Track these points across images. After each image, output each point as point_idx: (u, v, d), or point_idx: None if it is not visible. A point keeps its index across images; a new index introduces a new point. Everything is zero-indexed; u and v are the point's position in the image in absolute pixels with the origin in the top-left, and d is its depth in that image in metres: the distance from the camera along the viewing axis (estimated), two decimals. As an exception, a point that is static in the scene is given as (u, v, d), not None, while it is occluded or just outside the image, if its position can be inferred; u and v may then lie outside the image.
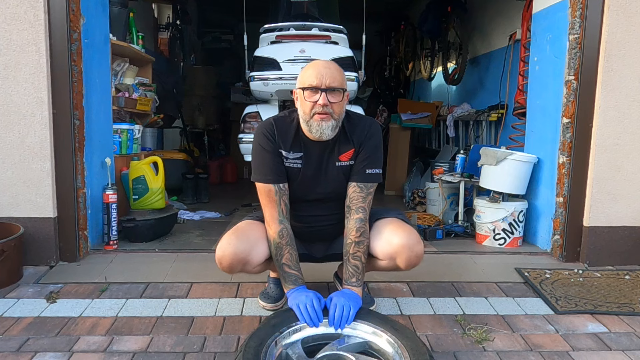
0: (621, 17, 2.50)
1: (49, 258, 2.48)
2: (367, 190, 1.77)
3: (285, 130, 1.77)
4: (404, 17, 7.25)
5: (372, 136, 1.79)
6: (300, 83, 1.71)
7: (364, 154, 1.78)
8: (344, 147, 1.79)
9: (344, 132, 1.79)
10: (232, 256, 1.71)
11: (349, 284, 1.75)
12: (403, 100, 5.79)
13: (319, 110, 1.65)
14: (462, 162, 3.58)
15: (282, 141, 1.76)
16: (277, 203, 1.75)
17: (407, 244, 1.73)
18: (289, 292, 1.74)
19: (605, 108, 2.56)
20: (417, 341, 1.56)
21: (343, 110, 1.73)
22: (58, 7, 2.40)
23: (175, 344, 1.78)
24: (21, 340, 1.78)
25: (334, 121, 1.69)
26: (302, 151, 1.78)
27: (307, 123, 1.71)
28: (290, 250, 1.74)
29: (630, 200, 2.62)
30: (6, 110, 2.40)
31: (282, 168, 1.77)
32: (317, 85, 1.64)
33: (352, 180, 1.78)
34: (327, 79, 1.64)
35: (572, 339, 1.86)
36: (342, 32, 3.58)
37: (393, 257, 1.76)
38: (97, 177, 2.75)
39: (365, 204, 1.76)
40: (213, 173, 5.36)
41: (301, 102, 1.71)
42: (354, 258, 1.75)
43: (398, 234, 1.75)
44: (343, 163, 1.79)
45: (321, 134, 1.69)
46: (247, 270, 1.79)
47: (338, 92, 1.67)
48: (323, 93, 1.64)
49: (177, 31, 5.66)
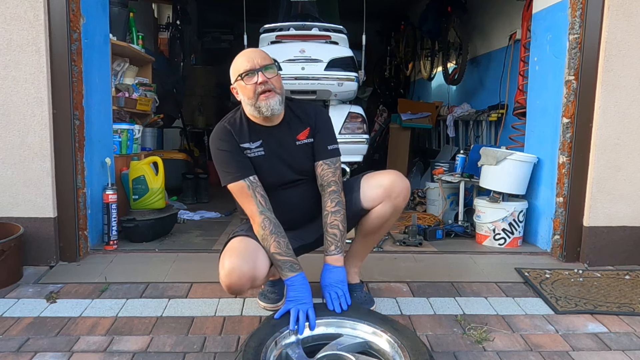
0: (621, 17, 2.50)
1: (49, 258, 2.48)
2: (334, 165, 1.87)
3: (238, 126, 1.84)
4: (404, 17, 7.25)
5: (323, 115, 1.93)
6: (236, 73, 1.77)
7: (320, 134, 1.88)
8: (299, 127, 1.88)
9: (294, 115, 1.89)
10: (240, 277, 1.68)
11: (329, 253, 1.80)
12: (403, 100, 5.79)
13: (261, 89, 1.72)
14: (462, 162, 3.58)
15: (240, 136, 1.82)
16: (253, 196, 1.77)
17: (395, 179, 1.87)
18: (287, 280, 1.72)
19: (605, 108, 2.56)
20: (417, 341, 1.56)
21: (282, 85, 1.81)
22: (58, 7, 2.40)
23: (175, 344, 1.78)
24: (21, 340, 1.78)
25: (278, 96, 1.76)
26: (260, 139, 1.84)
27: (254, 107, 1.76)
28: (276, 238, 1.73)
29: (630, 200, 2.62)
30: (6, 110, 2.40)
31: (247, 162, 1.81)
32: (251, 67, 1.72)
33: (318, 160, 1.87)
34: (257, 59, 1.74)
35: (572, 339, 1.86)
36: (342, 32, 3.57)
37: (388, 194, 1.85)
38: (97, 177, 2.75)
39: (336, 177, 1.85)
40: (213, 173, 5.29)
41: (242, 90, 1.77)
42: (332, 227, 1.79)
43: (385, 175, 1.89)
44: (303, 141, 1.88)
45: (271, 110, 1.75)
46: (256, 285, 1.77)
47: (271, 68, 1.75)
48: (259, 72, 1.72)
49: (177, 31, 5.66)
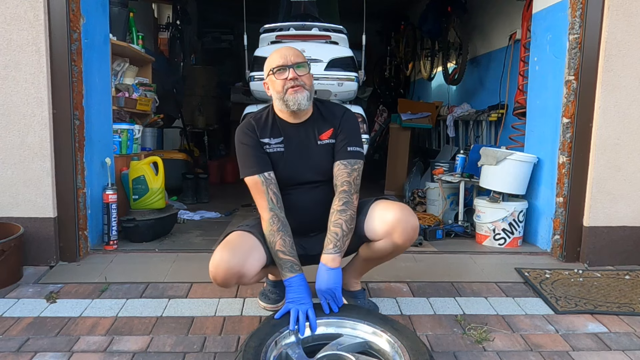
0: (621, 17, 2.50)
1: (49, 258, 2.48)
2: (352, 167, 1.83)
3: (262, 121, 1.87)
4: (404, 17, 7.25)
5: (350, 118, 1.90)
6: (268, 68, 1.82)
7: (343, 134, 1.86)
8: (323, 127, 1.88)
9: (320, 114, 1.89)
10: (226, 271, 1.68)
11: (326, 251, 1.75)
12: (403, 100, 5.79)
13: (291, 84, 1.76)
14: (462, 162, 3.58)
15: (261, 131, 1.85)
16: (265, 192, 1.79)
17: (401, 217, 1.76)
18: (286, 281, 1.72)
19: (605, 108, 2.56)
20: (417, 341, 1.56)
21: (312, 83, 1.84)
22: (58, 7, 2.40)
23: (175, 344, 1.78)
24: (21, 340, 1.78)
25: (307, 92, 1.78)
26: (282, 135, 1.86)
27: (282, 100, 1.79)
28: (282, 236, 1.75)
29: (630, 200, 2.62)
30: (6, 110, 2.40)
31: (265, 158, 1.83)
32: (283, 63, 1.77)
33: (336, 159, 1.86)
34: (291, 57, 1.78)
35: (572, 339, 1.86)
36: (342, 32, 3.58)
37: (390, 232, 1.77)
38: (97, 177, 2.75)
39: (351, 179, 1.82)
40: (213, 173, 5.35)
41: (273, 85, 1.81)
42: (335, 225, 1.76)
43: (390, 210, 1.78)
44: (325, 141, 1.87)
45: (298, 104, 1.77)
46: (243, 282, 1.78)
47: (303, 67, 1.79)
48: (291, 68, 1.76)
49: (177, 31, 5.66)
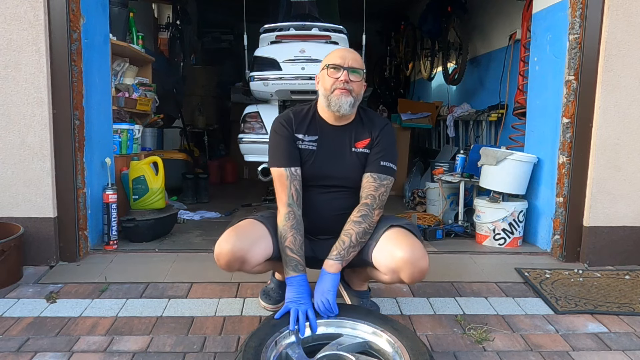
0: (621, 17, 2.50)
1: (49, 258, 2.48)
2: (380, 181, 1.81)
3: (302, 116, 1.87)
4: (404, 17, 7.25)
5: (389, 132, 1.88)
6: (325, 63, 1.81)
7: (378, 147, 1.84)
8: (360, 135, 1.86)
9: (360, 122, 1.88)
10: (230, 254, 1.70)
11: (329, 256, 1.74)
12: (403, 100, 5.79)
13: (340, 85, 1.76)
14: (462, 162, 3.58)
15: (298, 126, 1.85)
16: (288, 187, 1.79)
17: (410, 259, 1.65)
18: (288, 280, 1.73)
19: (605, 108, 2.56)
20: (417, 341, 1.56)
21: (361, 92, 1.83)
22: (58, 7, 2.40)
23: (175, 344, 1.78)
24: (21, 340, 1.78)
25: (352, 98, 1.78)
26: (318, 134, 1.85)
27: (327, 98, 1.79)
28: (294, 234, 1.75)
29: (630, 200, 2.62)
30: (6, 110, 2.40)
31: (296, 153, 1.83)
32: (340, 64, 1.77)
33: (366, 171, 1.84)
34: (349, 60, 1.78)
35: (572, 339, 1.86)
36: (342, 32, 3.58)
37: (396, 271, 1.69)
38: (97, 177, 2.75)
39: (376, 194, 1.80)
40: (213, 173, 5.36)
41: (323, 80, 1.81)
42: (345, 234, 1.75)
43: (402, 247, 1.68)
44: (359, 150, 1.85)
45: (340, 107, 1.77)
46: (245, 269, 1.78)
47: (358, 73, 1.79)
48: (345, 71, 1.76)
49: (177, 31, 5.65)
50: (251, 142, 3.55)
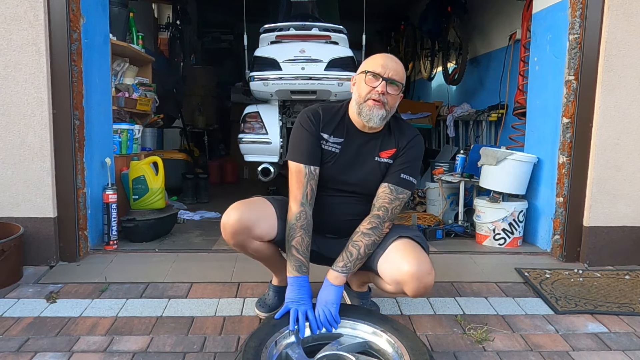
0: (621, 17, 2.50)
1: (49, 258, 2.48)
2: (396, 194, 1.75)
3: (330, 115, 1.80)
4: (404, 17, 7.26)
5: (416, 146, 1.82)
6: (364, 67, 1.73)
7: (402, 159, 1.79)
8: (387, 144, 1.81)
9: (389, 131, 1.82)
10: (237, 223, 1.69)
11: (334, 267, 1.71)
12: (403, 100, 5.78)
13: (375, 96, 1.68)
14: (462, 162, 3.58)
15: (325, 125, 1.78)
16: (304, 185, 1.74)
17: (416, 273, 1.62)
18: (290, 279, 1.71)
19: (605, 108, 2.56)
20: (417, 341, 1.56)
21: (395, 105, 1.76)
22: (58, 7, 2.39)
23: (175, 344, 1.78)
24: (21, 340, 1.78)
25: (384, 111, 1.71)
26: (344, 137, 1.79)
27: (359, 106, 1.72)
28: (303, 235, 1.71)
29: (630, 200, 2.62)
30: (6, 110, 2.40)
31: (318, 152, 1.77)
32: (380, 73, 1.68)
33: (385, 181, 1.79)
34: (390, 71, 1.69)
35: (572, 339, 1.86)
36: (342, 32, 3.57)
37: (400, 283, 1.67)
38: (97, 177, 2.75)
39: (390, 206, 1.74)
40: (213, 173, 5.36)
41: (359, 85, 1.73)
42: (353, 246, 1.71)
43: (409, 260, 1.64)
44: (382, 159, 1.80)
45: (370, 119, 1.71)
46: (248, 243, 1.76)
47: (396, 86, 1.71)
48: (383, 82, 1.68)
49: (177, 31, 5.66)
50: (251, 142, 3.55)
